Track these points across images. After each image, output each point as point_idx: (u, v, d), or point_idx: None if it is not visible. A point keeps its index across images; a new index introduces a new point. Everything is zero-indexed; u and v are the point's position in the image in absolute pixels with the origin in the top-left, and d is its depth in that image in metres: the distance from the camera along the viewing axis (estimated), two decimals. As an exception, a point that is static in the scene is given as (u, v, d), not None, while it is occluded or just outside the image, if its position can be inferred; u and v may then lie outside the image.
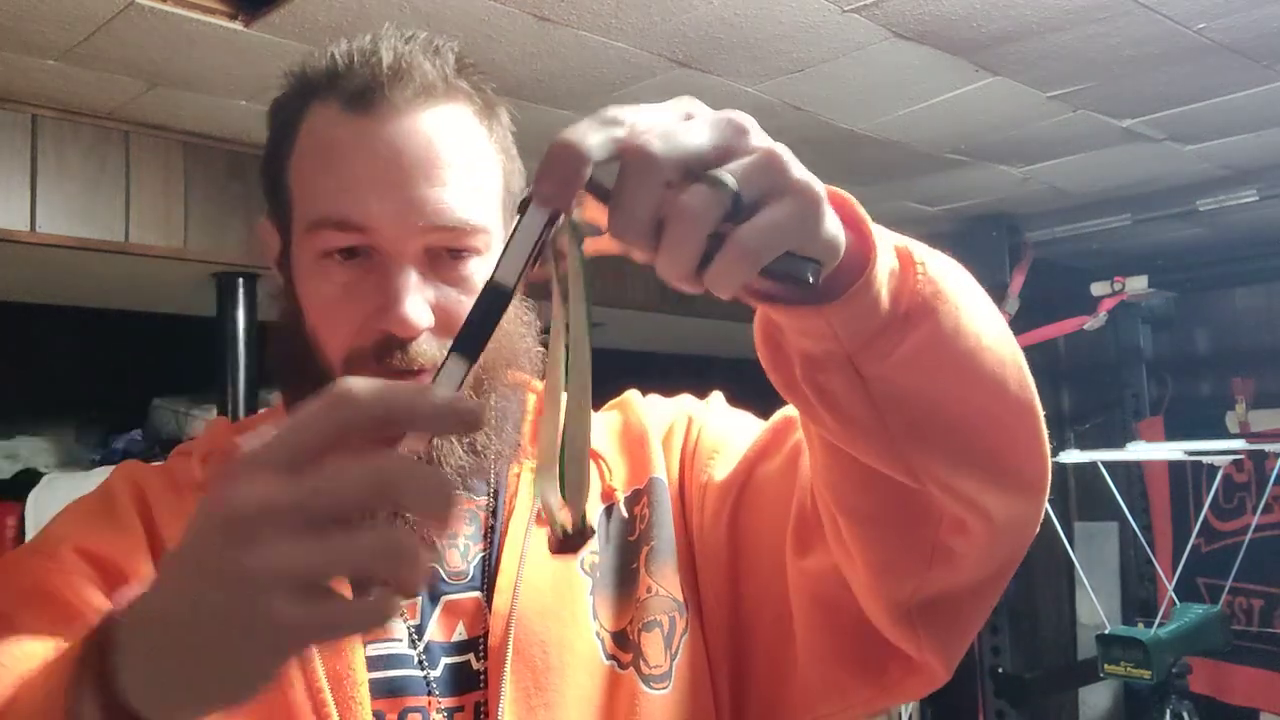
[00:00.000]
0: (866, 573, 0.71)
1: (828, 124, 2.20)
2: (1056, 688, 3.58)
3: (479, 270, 0.80)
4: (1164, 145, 2.41)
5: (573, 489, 0.55)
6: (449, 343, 0.78)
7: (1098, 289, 3.05)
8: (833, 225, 0.53)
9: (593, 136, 0.47)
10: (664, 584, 0.84)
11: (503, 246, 0.51)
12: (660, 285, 0.52)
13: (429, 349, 0.77)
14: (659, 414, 0.93)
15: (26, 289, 2.49)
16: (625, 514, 0.87)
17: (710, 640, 0.84)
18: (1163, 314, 3.59)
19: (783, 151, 0.51)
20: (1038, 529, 0.71)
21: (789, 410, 0.84)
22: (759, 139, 0.51)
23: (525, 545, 0.83)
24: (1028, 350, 0.68)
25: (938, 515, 0.66)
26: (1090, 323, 3.01)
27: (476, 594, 0.82)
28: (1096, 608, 3.03)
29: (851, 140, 2.30)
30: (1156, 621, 2.67)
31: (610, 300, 2.75)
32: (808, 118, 2.15)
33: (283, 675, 0.72)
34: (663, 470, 0.88)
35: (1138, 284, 3.00)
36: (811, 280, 0.53)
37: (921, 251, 0.60)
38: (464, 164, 0.78)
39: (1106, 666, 2.60)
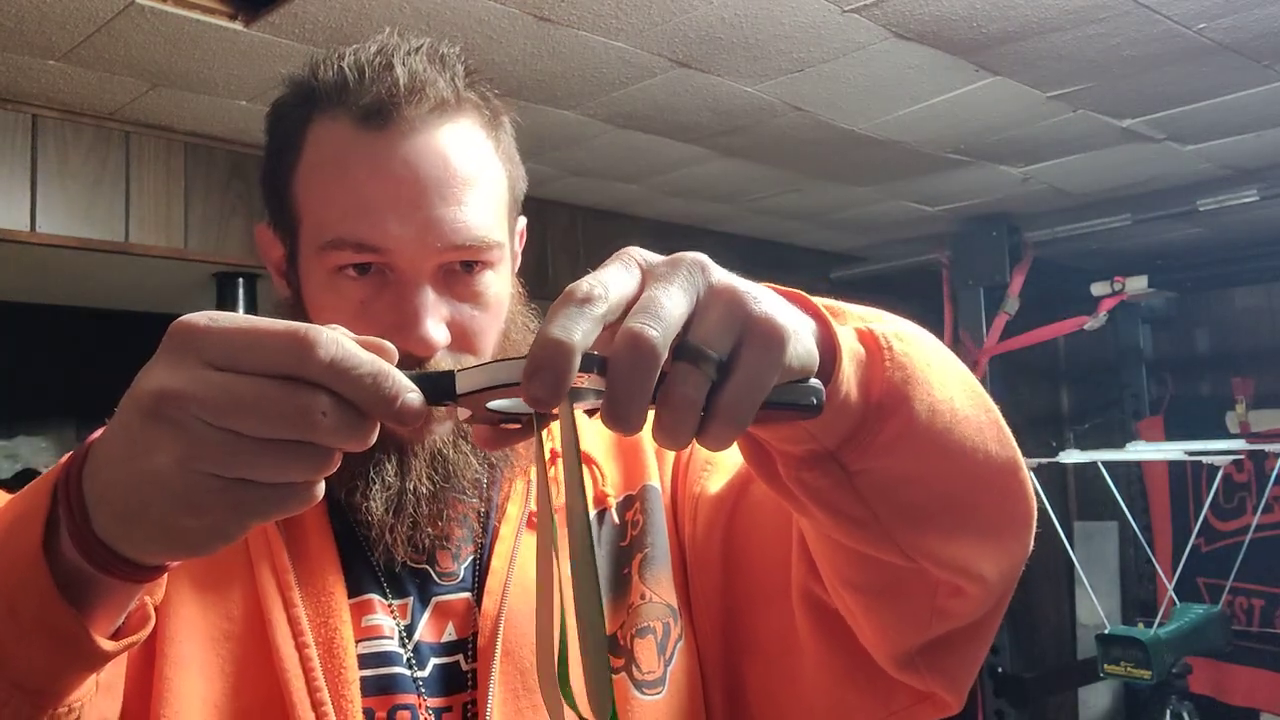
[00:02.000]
0: (869, 630, 0.72)
1: (828, 124, 2.20)
2: (1056, 688, 3.58)
3: (492, 284, 0.81)
4: (1164, 145, 2.41)
5: (597, 692, 0.49)
6: (465, 357, 0.80)
7: (1098, 289, 3.05)
8: (805, 343, 0.54)
9: (577, 330, 0.47)
10: (659, 591, 0.84)
11: (490, 362, 0.52)
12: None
13: (445, 364, 0.78)
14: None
15: (26, 289, 2.49)
16: (617, 520, 0.87)
17: (702, 649, 0.85)
18: (1163, 314, 3.59)
19: (741, 289, 0.51)
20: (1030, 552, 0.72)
21: None
22: (717, 275, 0.52)
23: (516, 548, 0.83)
24: (1028, 350, 0.68)
25: (933, 585, 0.67)
26: (1090, 323, 3.01)
27: (467, 595, 0.83)
28: (1096, 608, 3.04)
29: (851, 140, 2.30)
30: (1156, 621, 2.67)
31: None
32: (808, 118, 2.15)
33: (279, 672, 0.73)
34: (656, 478, 0.89)
35: (1138, 284, 3.00)
36: (815, 403, 0.54)
37: (885, 331, 0.60)
38: (477, 180, 0.79)
39: (1106, 666, 2.60)
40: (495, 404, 0.52)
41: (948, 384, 0.62)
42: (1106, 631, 2.67)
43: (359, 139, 0.77)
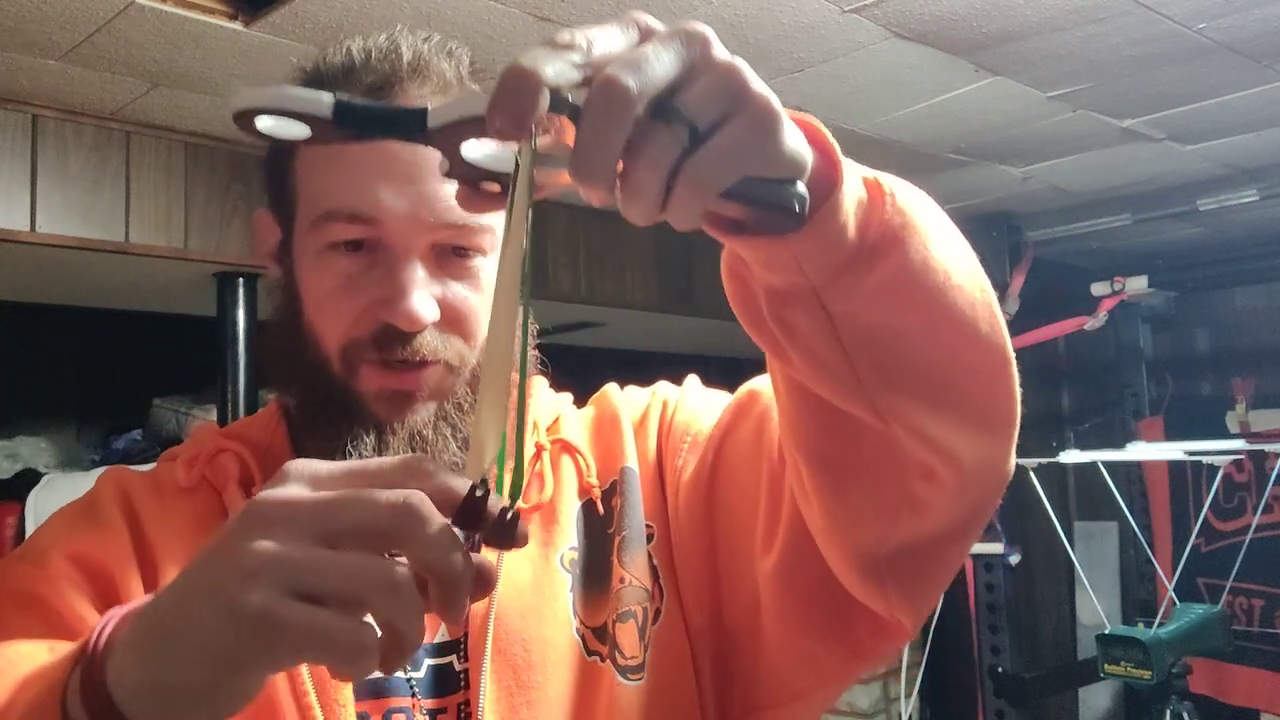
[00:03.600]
0: (831, 523, 0.69)
1: (828, 124, 2.19)
2: (1056, 688, 3.58)
3: (485, 268, 0.80)
4: (1164, 145, 2.41)
5: (480, 445, 0.48)
6: (453, 338, 0.79)
7: (1098, 289, 3.05)
8: (793, 142, 0.51)
9: (550, 65, 0.45)
10: (635, 573, 0.84)
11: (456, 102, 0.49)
12: (660, 285, 0.51)
13: (432, 341, 0.78)
14: (633, 401, 0.94)
15: (26, 289, 2.49)
16: (602, 510, 0.87)
17: (691, 625, 0.84)
18: (1163, 314, 3.59)
19: (742, 66, 0.49)
20: (1009, 475, 0.69)
21: (753, 384, 0.84)
22: (719, 52, 0.49)
23: None
24: (1028, 350, 0.67)
25: (905, 461, 0.64)
26: (1090, 323, 3.01)
27: None
28: (1096, 608, 3.03)
29: (851, 140, 2.30)
30: (1156, 621, 2.67)
31: (610, 300, 2.75)
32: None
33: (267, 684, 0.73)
34: (634, 459, 0.88)
35: (1138, 284, 3.00)
36: (798, 209, 0.51)
37: (890, 181, 0.58)
38: None
39: (1106, 666, 2.60)
40: (471, 154, 0.49)
41: (946, 250, 0.60)
42: (1106, 631, 2.67)
43: None
